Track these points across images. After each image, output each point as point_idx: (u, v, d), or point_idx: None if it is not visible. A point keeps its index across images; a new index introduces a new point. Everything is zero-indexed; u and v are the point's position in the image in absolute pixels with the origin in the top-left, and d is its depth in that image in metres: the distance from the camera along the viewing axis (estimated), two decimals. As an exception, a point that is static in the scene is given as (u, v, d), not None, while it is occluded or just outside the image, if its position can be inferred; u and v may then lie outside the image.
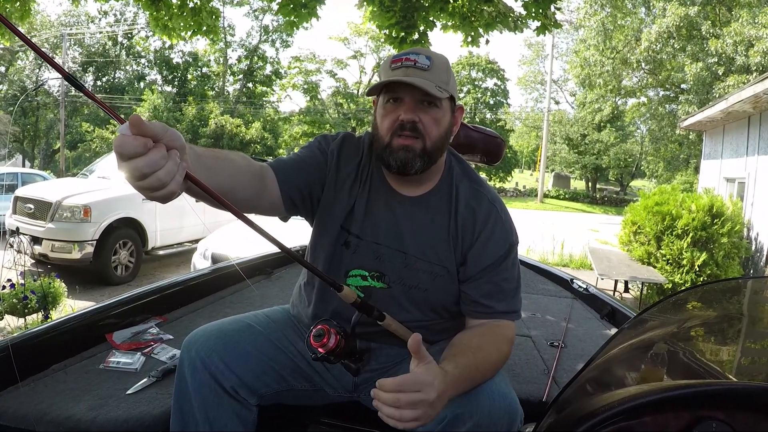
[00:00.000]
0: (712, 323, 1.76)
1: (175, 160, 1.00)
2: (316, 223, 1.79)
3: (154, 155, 0.96)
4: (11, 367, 1.84)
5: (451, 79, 1.64)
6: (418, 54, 1.59)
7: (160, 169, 0.97)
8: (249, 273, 3.78)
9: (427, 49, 1.64)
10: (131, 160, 0.95)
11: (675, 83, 32.34)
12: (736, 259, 8.98)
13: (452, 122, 1.69)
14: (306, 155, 1.73)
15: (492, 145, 2.94)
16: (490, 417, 1.42)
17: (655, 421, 1.00)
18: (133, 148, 0.94)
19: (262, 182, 1.55)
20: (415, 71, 1.56)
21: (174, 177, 0.99)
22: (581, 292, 3.91)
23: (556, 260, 12.99)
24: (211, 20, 7.92)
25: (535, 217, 25.36)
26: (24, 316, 5.58)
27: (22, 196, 8.70)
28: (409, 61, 1.57)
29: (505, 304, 1.68)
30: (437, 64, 1.60)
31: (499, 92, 50.08)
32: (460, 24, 7.32)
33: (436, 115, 1.59)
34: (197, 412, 1.62)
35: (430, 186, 1.73)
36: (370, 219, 1.72)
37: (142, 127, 0.94)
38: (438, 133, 1.61)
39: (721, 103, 10.31)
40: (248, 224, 1.19)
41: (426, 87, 1.52)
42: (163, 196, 1.02)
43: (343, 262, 1.74)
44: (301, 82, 45.70)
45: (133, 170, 0.95)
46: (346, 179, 1.73)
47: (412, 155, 1.59)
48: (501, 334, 1.65)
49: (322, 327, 1.48)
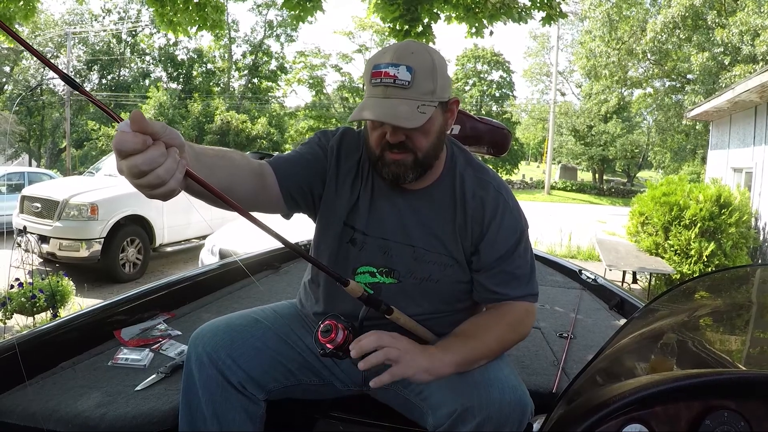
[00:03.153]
0: (722, 312, 1.76)
1: (174, 158, 0.99)
2: (319, 220, 1.78)
3: (153, 152, 0.95)
4: (19, 366, 1.84)
5: (439, 80, 1.53)
6: (397, 67, 1.47)
7: (159, 167, 0.96)
8: (257, 268, 3.77)
9: (409, 51, 1.51)
10: (130, 158, 0.94)
11: (681, 73, 32.22)
12: (744, 249, 8.95)
13: (445, 121, 1.63)
14: (305, 152, 1.71)
15: (498, 137, 2.93)
16: (501, 410, 1.42)
17: (666, 411, 1.00)
18: (132, 144, 0.93)
19: (261, 180, 1.54)
20: (395, 90, 1.47)
21: (174, 174, 0.99)
22: (590, 283, 3.89)
23: (564, 252, 12.97)
24: (216, 15, 7.92)
25: (543, 209, 25.28)
26: (33, 314, 5.59)
27: (29, 196, 8.74)
28: (389, 78, 1.47)
29: (520, 289, 1.68)
30: (420, 73, 1.49)
31: (504, 84, 49.87)
32: (464, 15, 7.31)
33: (424, 128, 1.53)
34: (205, 408, 1.62)
35: (433, 178, 1.70)
36: (375, 214, 1.70)
37: (142, 123, 0.93)
38: (429, 142, 1.57)
39: (728, 93, 10.25)
40: (251, 220, 1.18)
41: (404, 122, 1.45)
42: (163, 193, 1.01)
43: (350, 260, 1.73)
44: (307, 76, 45.69)
45: (132, 167, 0.94)
46: (347, 175, 1.72)
47: (403, 169, 1.57)
48: (513, 312, 1.66)
49: (330, 323, 1.48)
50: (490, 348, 1.57)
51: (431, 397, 1.56)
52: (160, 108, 34.35)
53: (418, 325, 1.63)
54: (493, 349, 1.58)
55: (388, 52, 1.53)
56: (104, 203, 8.25)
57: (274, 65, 49.05)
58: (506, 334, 1.62)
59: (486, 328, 1.62)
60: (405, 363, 1.43)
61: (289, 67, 48.32)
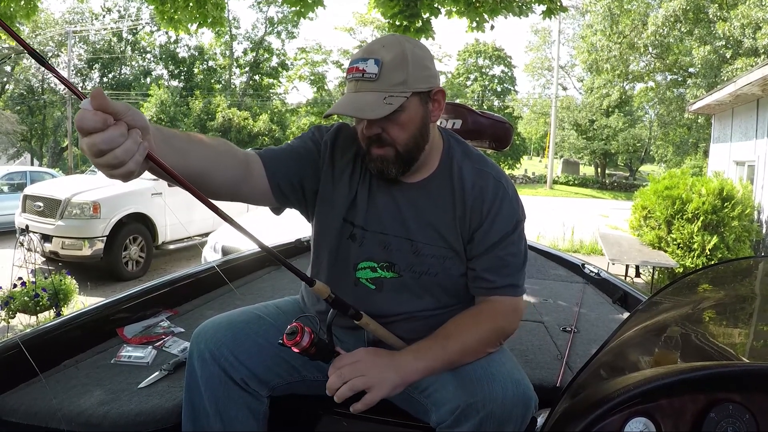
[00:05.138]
0: (726, 305, 1.75)
1: (135, 139, 0.99)
2: (316, 217, 1.76)
3: (112, 132, 0.95)
4: (23, 364, 1.84)
5: (413, 70, 1.52)
6: (366, 60, 1.50)
7: (117, 147, 0.96)
8: (259, 264, 3.77)
9: (381, 45, 1.53)
10: (90, 136, 0.94)
11: (683, 67, 32.19)
12: (747, 243, 8.95)
13: (427, 113, 1.60)
14: (298, 146, 1.70)
15: (500, 131, 2.92)
16: (504, 405, 1.42)
17: (671, 404, 0.99)
18: (93, 123, 0.93)
19: (246, 170, 1.53)
20: (363, 84, 1.49)
21: (133, 156, 0.99)
22: (593, 276, 3.89)
23: (567, 246, 12.95)
24: (216, 12, 7.92)
25: (545, 204, 25.27)
26: (36, 313, 5.59)
27: (31, 195, 8.75)
28: (358, 72, 1.50)
29: (508, 278, 1.65)
30: (389, 64, 1.49)
31: (506, 79, 49.86)
32: (464, 9, 7.31)
33: (399, 120, 1.52)
34: (208, 405, 1.62)
35: (430, 170, 1.69)
36: (373, 209, 1.69)
37: (102, 101, 0.94)
38: (408, 135, 1.55)
39: (730, 86, 10.24)
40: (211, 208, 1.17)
41: (368, 113, 1.46)
42: (122, 174, 1.01)
43: (351, 255, 1.71)
44: (308, 73, 45.77)
45: (91, 146, 0.95)
46: (343, 171, 1.70)
47: (385, 164, 1.57)
48: (497, 309, 1.64)
49: (296, 324, 1.44)
50: (470, 347, 1.55)
51: (434, 393, 1.56)
52: (162, 106, 34.35)
53: (388, 333, 1.62)
54: (474, 348, 1.56)
55: (363, 48, 1.56)
56: (106, 201, 8.26)
57: (275, 62, 49.07)
58: (488, 333, 1.59)
59: (465, 327, 1.60)
60: (375, 388, 1.42)
61: (291, 64, 48.40)
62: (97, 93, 0.94)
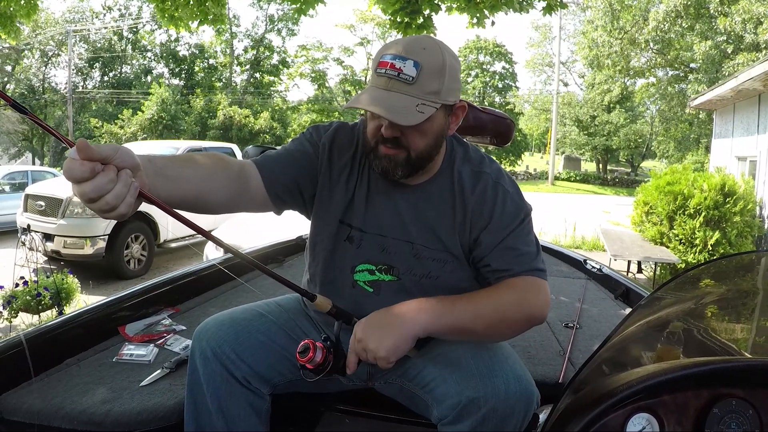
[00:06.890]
0: (728, 300, 1.75)
1: (125, 182, 1.02)
2: (314, 218, 1.76)
3: (100, 180, 0.98)
4: (25, 363, 1.84)
5: (447, 82, 1.48)
6: (404, 60, 1.43)
7: (107, 194, 0.99)
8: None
9: (421, 47, 1.46)
10: (80, 185, 0.98)
11: (684, 62, 32.17)
12: (749, 238, 8.94)
13: (446, 126, 1.58)
14: (294, 149, 1.69)
15: (501, 127, 2.92)
16: (506, 400, 1.41)
17: (674, 399, 0.99)
18: (80, 173, 0.96)
19: (243, 182, 1.53)
20: (397, 84, 1.43)
21: (124, 199, 1.02)
22: (595, 272, 3.89)
23: (569, 242, 12.97)
24: (216, 9, 7.92)
25: (547, 200, 25.25)
26: (38, 313, 5.60)
27: (32, 194, 8.75)
28: (394, 70, 1.43)
29: (527, 264, 1.59)
30: (427, 71, 1.44)
31: (507, 75, 49.75)
32: (465, 6, 7.28)
33: (422, 128, 1.48)
34: (210, 403, 1.62)
35: (431, 173, 1.67)
36: (372, 210, 1.67)
37: (88, 151, 0.96)
38: (425, 143, 1.53)
39: (731, 82, 10.21)
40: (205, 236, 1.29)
41: (400, 118, 1.41)
42: (115, 216, 1.05)
43: (348, 258, 1.70)
44: (309, 70, 45.69)
45: (82, 194, 0.99)
46: (342, 171, 1.69)
47: (393, 164, 1.54)
48: (517, 284, 1.57)
49: (307, 342, 1.44)
50: (485, 315, 1.49)
51: (436, 389, 1.54)
52: (163, 104, 34.31)
53: None
54: (490, 318, 1.50)
55: (399, 43, 1.49)
56: (108, 200, 8.19)
57: (275, 59, 49.08)
58: (508, 305, 1.53)
59: (481, 293, 1.57)
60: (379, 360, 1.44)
61: (291, 61, 48.33)
62: (81, 145, 0.96)
